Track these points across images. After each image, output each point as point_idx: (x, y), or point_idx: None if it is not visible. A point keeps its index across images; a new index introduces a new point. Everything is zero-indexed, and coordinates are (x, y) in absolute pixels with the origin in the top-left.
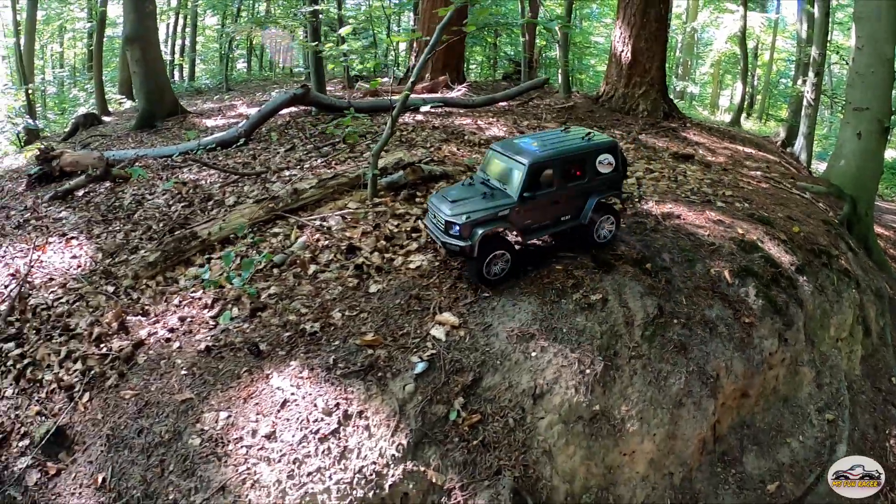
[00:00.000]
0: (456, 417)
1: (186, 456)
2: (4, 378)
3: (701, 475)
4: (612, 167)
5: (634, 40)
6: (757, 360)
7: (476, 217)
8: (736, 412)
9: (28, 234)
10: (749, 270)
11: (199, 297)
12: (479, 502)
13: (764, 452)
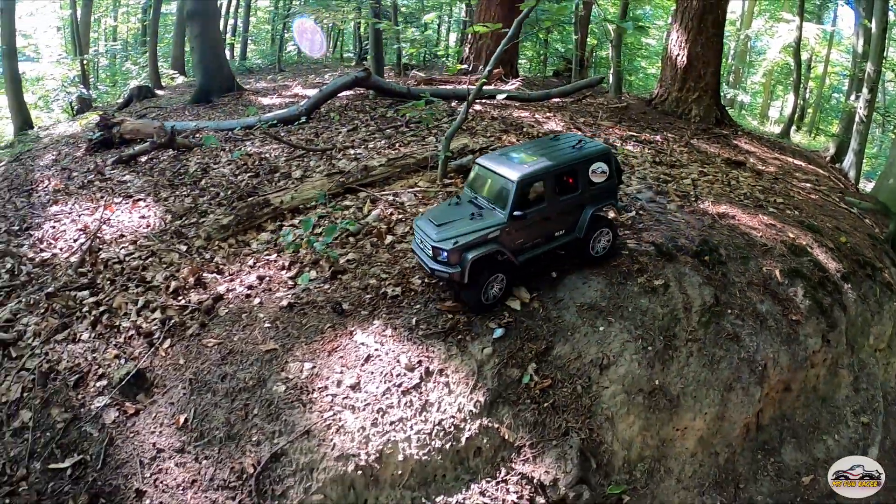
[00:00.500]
0: (529, 381)
1: (271, 401)
2: (80, 323)
3: (743, 460)
4: (605, 176)
5: (690, 45)
6: (801, 357)
7: (464, 241)
8: (778, 405)
9: (93, 194)
10: (798, 272)
11: (274, 259)
12: (546, 460)
13: (801, 446)
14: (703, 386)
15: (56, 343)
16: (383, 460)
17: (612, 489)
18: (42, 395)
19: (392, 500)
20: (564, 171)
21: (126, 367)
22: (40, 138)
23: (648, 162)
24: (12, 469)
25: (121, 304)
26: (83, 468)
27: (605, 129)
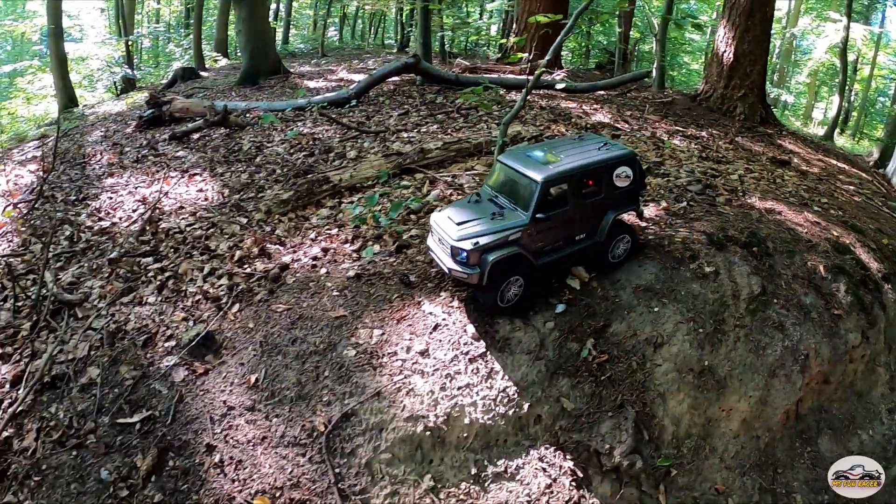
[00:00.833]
0: (587, 355)
1: (341, 364)
2: (145, 287)
3: (781, 446)
4: (629, 181)
5: (738, 42)
6: (841, 350)
7: (485, 242)
8: (817, 396)
9: (148, 168)
10: (841, 269)
11: (336, 233)
12: (602, 430)
13: (837, 438)
14: (749, 370)
15: (122, 305)
16: (450, 423)
17: (661, 462)
18: (110, 353)
19: (457, 461)
20: (589, 173)
21: (195, 329)
22: (86, 116)
23: (695, 157)
24: (79, 423)
25: (186, 270)
26: (152, 423)
27: (651, 123)
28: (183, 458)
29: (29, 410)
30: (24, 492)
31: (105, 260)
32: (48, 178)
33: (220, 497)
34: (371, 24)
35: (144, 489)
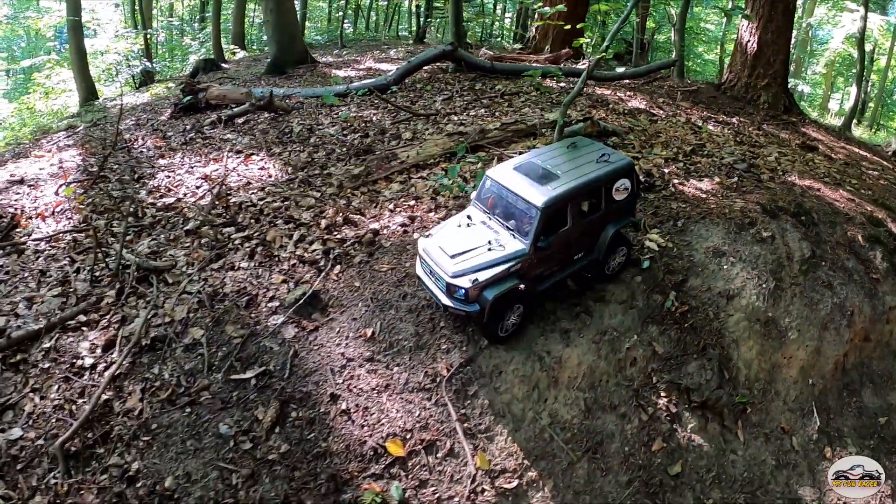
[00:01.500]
0: (670, 305)
1: (455, 316)
2: (234, 254)
3: (832, 395)
4: (628, 192)
5: (761, 32)
6: (880, 310)
7: (485, 278)
8: (859, 353)
9: (199, 150)
10: (877, 239)
11: (414, 204)
12: (689, 370)
13: (878, 392)
14: (805, 322)
15: (212, 271)
16: (562, 365)
17: (739, 399)
18: (211, 314)
19: (568, 399)
20: (589, 190)
21: (300, 290)
22: (107, 108)
23: (731, 141)
24: (189, 381)
25: (275, 237)
26: (268, 378)
27: (684, 109)
28: (306, 408)
29: (128, 373)
30: (132, 453)
31: (182, 231)
32: (109, 157)
33: (350, 442)
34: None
35: (268, 440)
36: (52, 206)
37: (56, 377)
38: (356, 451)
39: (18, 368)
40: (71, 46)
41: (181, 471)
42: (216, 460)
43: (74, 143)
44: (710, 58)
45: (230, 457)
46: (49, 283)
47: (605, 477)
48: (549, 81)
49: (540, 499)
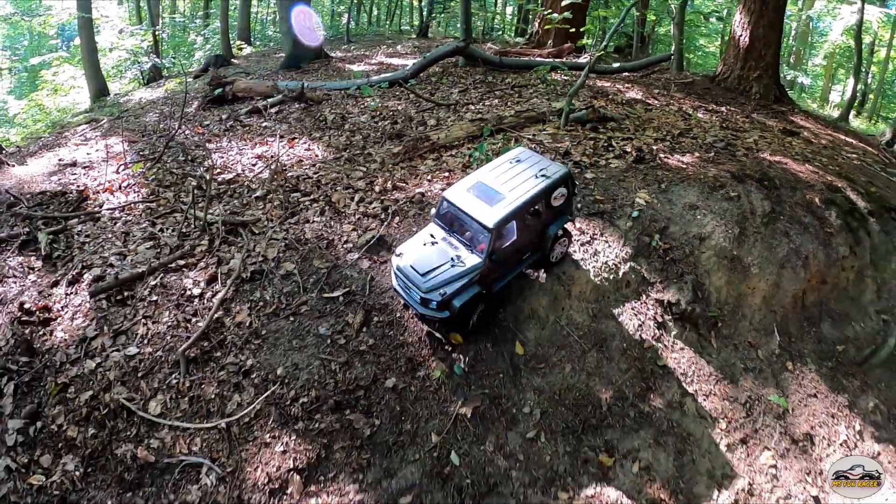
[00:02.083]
0: (655, 244)
1: None
2: (306, 212)
3: (793, 323)
4: (565, 198)
5: (753, 27)
6: (833, 257)
7: (451, 291)
8: (817, 293)
9: (243, 135)
10: (832, 201)
11: (447, 175)
12: (671, 290)
13: (835, 325)
14: (766, 262)
15: (291, 224)
16: (574, 280)
17: (711, 313)
18: (299, 253)
19: (579, 308)
20: (533, 203)
21: (368, 234)
22: (120, 104)
23: (717, 126)
24: (288, 300)
25: (339, 198)
26: (351, 296)
27: (677, 99)
28: (385, 314)
29: (233, 298)
30: (245, 353)
31: (252, 198)
32: (173, 138)
33: (421, 336)
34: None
35: (358, 337)
36: (118, 182)
37: (167, 306)
38: (426, 342)
39: (126, 303)
40: (82, 43)
41: (289, 362)
42: (318, 354)
43: (106, 132)
44: (711, 50)
45: (329, 350)
46: (136, 240)
47: (609, 364)
48: (555, 75)
49: (562, 376)
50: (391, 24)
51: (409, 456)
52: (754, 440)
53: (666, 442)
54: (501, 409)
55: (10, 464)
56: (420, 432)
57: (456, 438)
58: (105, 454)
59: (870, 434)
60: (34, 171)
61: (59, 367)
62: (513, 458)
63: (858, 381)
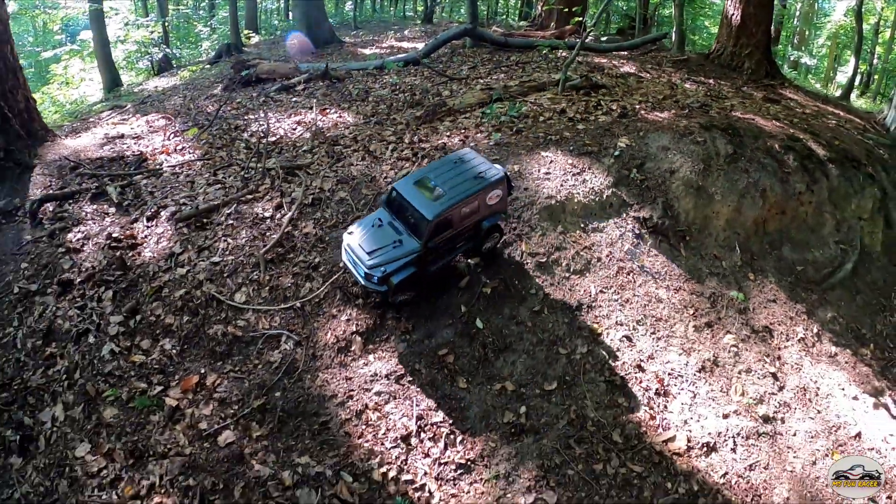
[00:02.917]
0: (633, 176)
1: None
2: (348, 158)
3: (755, 245)
4: (499, 198)
5: (744, 6)
6: (790, 192)
7: (391, 269)
8: (778, 222)
9: (277, 108)
10: (791, 148)
11: (464, 131)
12: (645, 209)
13: (795, 249)
14: (728, 192)
15: (338, 168)
16: (568, 201)
17: (679, 228)
18: (349, 185)
19: (572, 221)
20: (468, 201)
21: (404, 171)
22: (134, 93)
23: (701, 94)
24: (344, 217)
25: (376, 147)
26: None
27: (668, 74)
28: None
29: (299, 217)
30: (313, 254)
31: (300, 151)
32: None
33: None
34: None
35: None
36: (172, 147)
37: (243, 226)
38: None
39: (204, 228)
40: (94, 36)
41: None
42: None
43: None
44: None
45: None
46: (202, 186)
47: (598, 263)
48: (556, 53)
49: (559, 270)
50: (395, 10)
51: (444, 322)
52: (718, 325)
53: (645, 322)
54: (513, 291)
55: (114, 348)
56: (451, 305)
57: (479, 309)
58: (198, 335)
59: (828, 338)
60: (84, 143)
61: (152, 275)
62: (523, 325)
63: (816, 295)
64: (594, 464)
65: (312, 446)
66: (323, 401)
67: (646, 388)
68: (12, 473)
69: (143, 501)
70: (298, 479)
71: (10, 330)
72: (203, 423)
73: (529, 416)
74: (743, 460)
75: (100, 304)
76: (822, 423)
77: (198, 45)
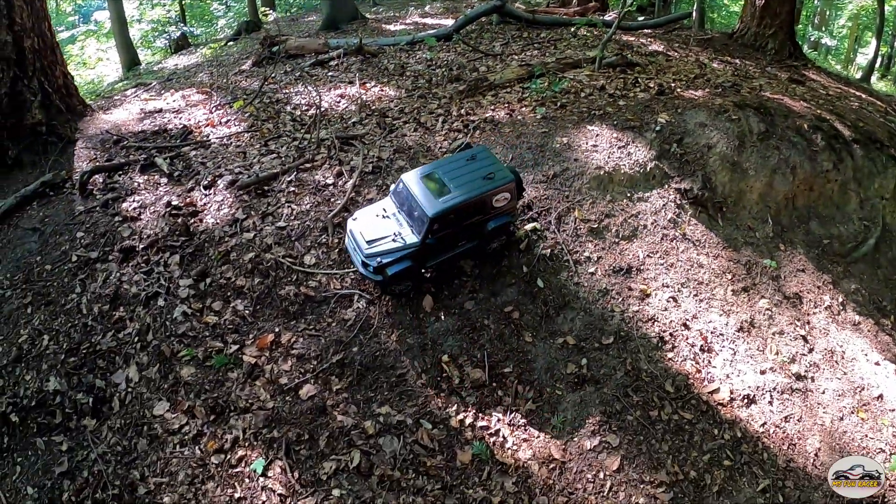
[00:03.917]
0: (673, 150)
1: (554, 150)
2: (403, 129)
3: (784, 218)
4: (507, 201)
5: None
6: (818, 170)
7: (387, 260)
8: (806, 198)
9: (315, 82)
10: (818, 128)
11: (507, 105)
12: (686, 181)
13: (822, 224)
14: (761, 167)
15: (392, 138)
16: (615, 172)
17: (717, 200)
18: (407, 154)
19: (619, 192)
20: (474, 202)
21: (457, 142)
22: (155, 72)
23: (729, 73)
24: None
25: (427, 119)
26: None
27: (695, 53)
28: None
29: (361, 184)
30: None
31: (350, 123)
32: (267, 80)
33: None
34: None
35: None
36: (217, 119)
37: (305, 193)
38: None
39: (265, 195)
40: (112, 15)
41: None
42: None
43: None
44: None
45: None
46: (255, 156)
47: (644, 230)
48: (583, 31)
49: (609, 235)
50: None
51: (507, 281)
52: (753, 290)
53: (688, 284)
54: (570, 254)
55: (186, 309)
56: (514, 267)
57: (540, 271)
58: (270, 296)
59: (852, 308)
60: (122, 118)
61: (218, 240)
62: (579, 285)
63: (841, 268)
64: (650, 410)
65: (391, 397)
66: (399, 355)
67: (691, 345)
68: (86, 435)
69: (228, 454)
70: (381, 428)
71: (73, 297)
72: (283, 379)
73: (590, 368)
74: (779, 412)
75: (167, 268)
76: (848, 384)
77: (213, 24)
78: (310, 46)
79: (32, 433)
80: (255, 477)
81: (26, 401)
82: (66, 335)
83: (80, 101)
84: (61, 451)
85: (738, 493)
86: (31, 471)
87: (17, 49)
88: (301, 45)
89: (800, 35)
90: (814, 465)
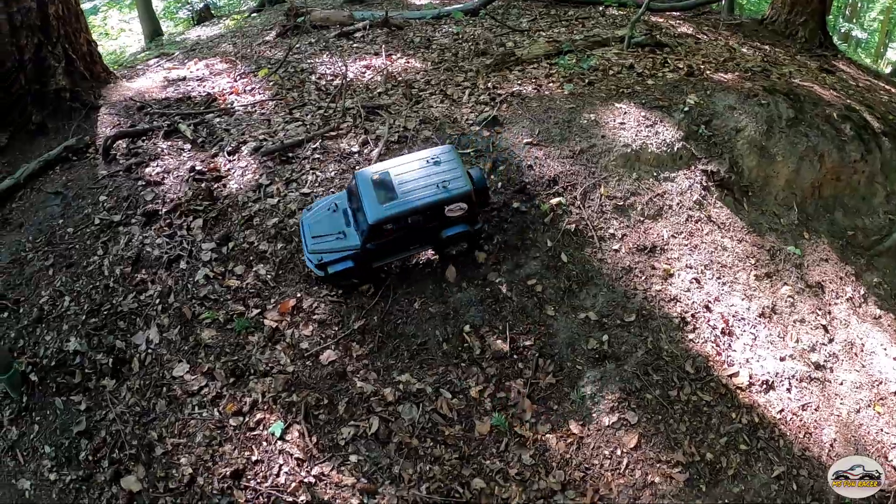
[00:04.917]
0: (701, 132)
1: (581, 126)
2: (427, 101)
3: (810, 207)
4: (463, 211)
5: None
6: (846, 159)
7: (328, 259)
8: (832, 188)
9: (341, 53)
10: (848, 117)
11: (535, 80)
12: (713, 164)
13: (847, 215)
14: (789, 154)
15: (418, 108)
16: (642, 150)
17: (743, 184)
18: (433, 125)
19: (646, 170)
20: (420, 211)
21: (484, 115)
22: (177, 42)
23: (759, 59)
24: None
25: (453, 91)
26: (479, 152)
27: (724, 37)
28: (508, 163)
29: (385, 153)
30: None
31: (375, 93)
32: (291, 50)
33: (536, 178)
34: None
35: (490, 176)
36: (241, 87)
37: (330, 160)
38: (540, 181)
39: (290, 162)
40: None
41: None
42: None
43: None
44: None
45: None
46: (280, 123)
47: (669, 210)
48: (611, 10)
49: (635, 212)
50: None
51: (531, 255)
52: (776, 277)
53: (711, 267)
54: (594, 230)
55: (208, 273)
56: (538, 240)
57: (564, 245)
58: (293, 261)
59: (873, 301)
60: (146, 86)
61: (241, 205)
62: (603, 261)
63: (864, 260)
64: (669, 390)
65: (412, 365)
66: (421, 323)
67: (713, 327)
68: (105, 395)
69: (246, 417)
70: (400, 396)
71: (95, 259)
72: (304, 343)
73: (611, 344)
74: (797, 400)
75: (190, 232)
76: (866, 376)
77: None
78: (335, 18)
79: (52, 393)
80: (273, 440)
81: (46, 360)
82: (87, 296)
83: (104, 68)
84: (80, 410)
85: (753, 479)
86: (49, 430)
87: (42, 16)
88: (326, 17)
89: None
90: (829, 456)
